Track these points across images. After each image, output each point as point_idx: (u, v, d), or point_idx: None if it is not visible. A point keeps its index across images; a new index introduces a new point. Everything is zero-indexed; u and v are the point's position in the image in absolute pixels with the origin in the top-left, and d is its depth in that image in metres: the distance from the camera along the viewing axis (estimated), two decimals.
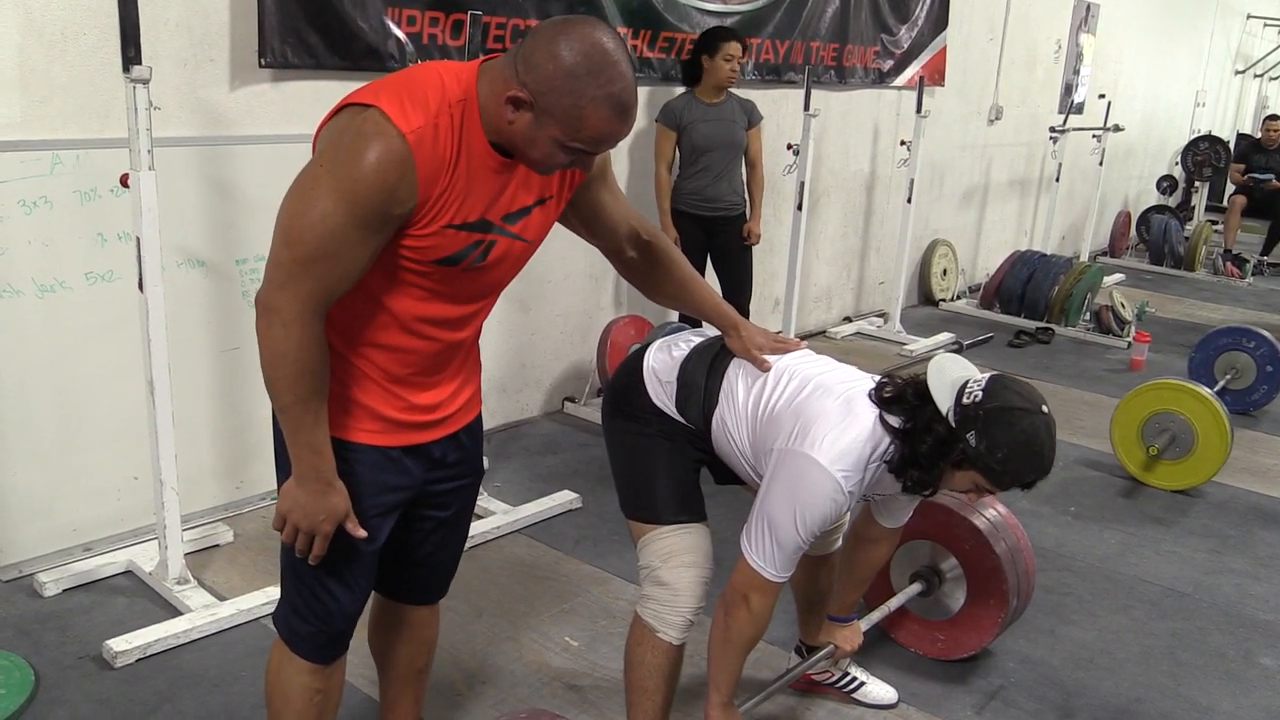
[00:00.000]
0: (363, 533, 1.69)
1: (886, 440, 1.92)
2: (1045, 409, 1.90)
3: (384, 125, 1.47)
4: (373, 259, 1.56)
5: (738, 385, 2.05)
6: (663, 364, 2.13)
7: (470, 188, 1.57)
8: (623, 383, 2.20)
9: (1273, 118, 9.71)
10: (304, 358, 1.55)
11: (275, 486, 3.68)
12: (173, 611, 2.84)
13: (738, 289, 4.68)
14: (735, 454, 2.08)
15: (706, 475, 2.22)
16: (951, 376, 1.92)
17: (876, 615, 2.66)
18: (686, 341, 2.17)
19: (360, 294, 1.62)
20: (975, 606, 2.74)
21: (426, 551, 1.97)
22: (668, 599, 2.07)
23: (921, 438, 1.89)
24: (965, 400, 1.87)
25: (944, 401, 1.88)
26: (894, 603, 2.71)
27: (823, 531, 2.00)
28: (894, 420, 1.92)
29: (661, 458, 2.12)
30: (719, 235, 4.55)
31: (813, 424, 1.92)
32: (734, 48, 4.35)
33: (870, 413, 1.93)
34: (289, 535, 1.67)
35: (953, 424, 1.87)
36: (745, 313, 4.72)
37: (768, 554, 1.95)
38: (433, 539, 1.96)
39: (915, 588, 2.75)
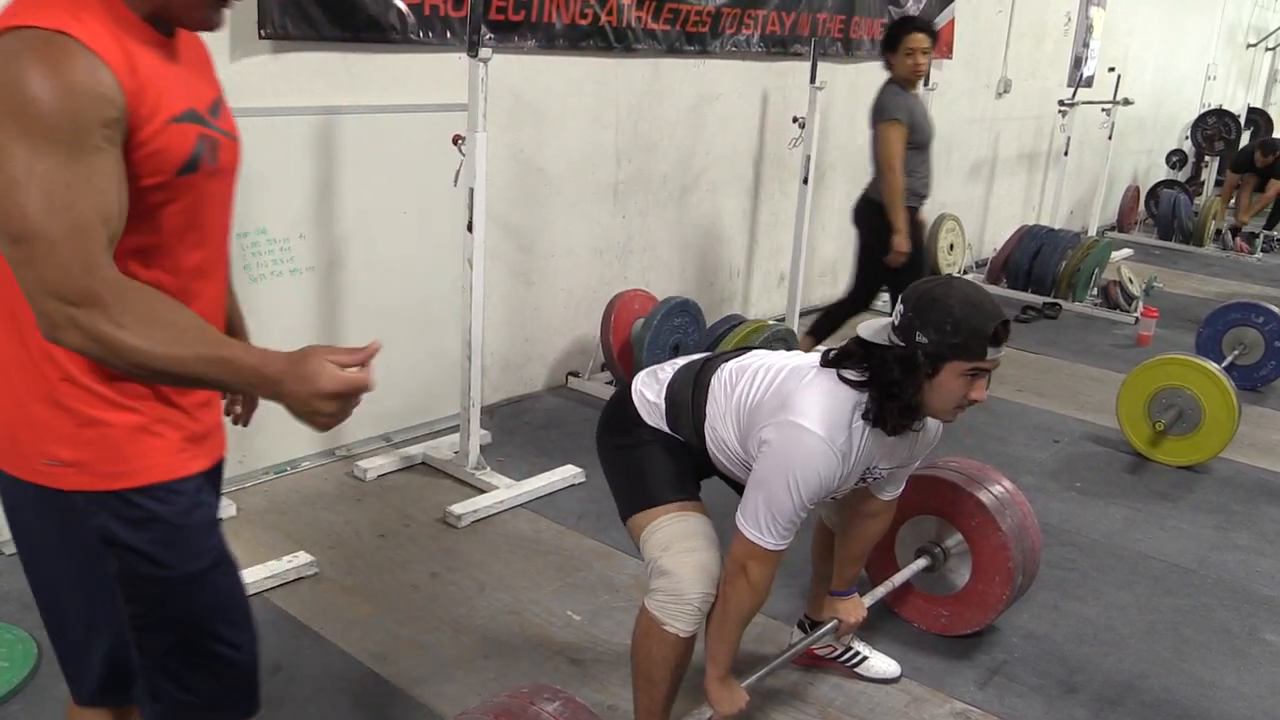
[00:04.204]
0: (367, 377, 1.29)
1: (856, 394, 1.98)
2: (955, 275, 2.01)
3: (28, 34, 1.18)
4: (123, 187, 1.24)
5: (719, 392, 2.12)
6: (650, 388, 2.21)
7: (155, 71, 1.29)
8: (613, 407, 2.28)
9: None
10: (158, 310, 1.24)
11: (279, 460, 3.70)
12: None
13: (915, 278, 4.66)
14: (730, 456, 2.12)
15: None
16: (880, 324, 2.03)
17: (881, 590, 2.65)
18: (671, 365, 2.25)
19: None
20: (980, 583, 2.73)
21: None
22: (671, 588, 2.04)
23: (885, 372, 1.96)
24: (897, 322, 1.97)
25: (882, 338, 1.98)
26: (899, 578, 2.70)
27: (819, 498, 2.00)
28: (853, 375, 1.99)
29: (654, 454, 2.17)
30: (914, 226, 4.47)
31: (791, 397, 1.99)
32: (915, 40, 4.22)
33: (833, 374, 2.01)
34: (338, 419, 1.28)
35: (900, 341, 1.94)
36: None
37: (763, 523, 1.96)
38: None
39: (920, 563, 2.74)
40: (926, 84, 5.81)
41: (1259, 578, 3.33)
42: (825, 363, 2.04)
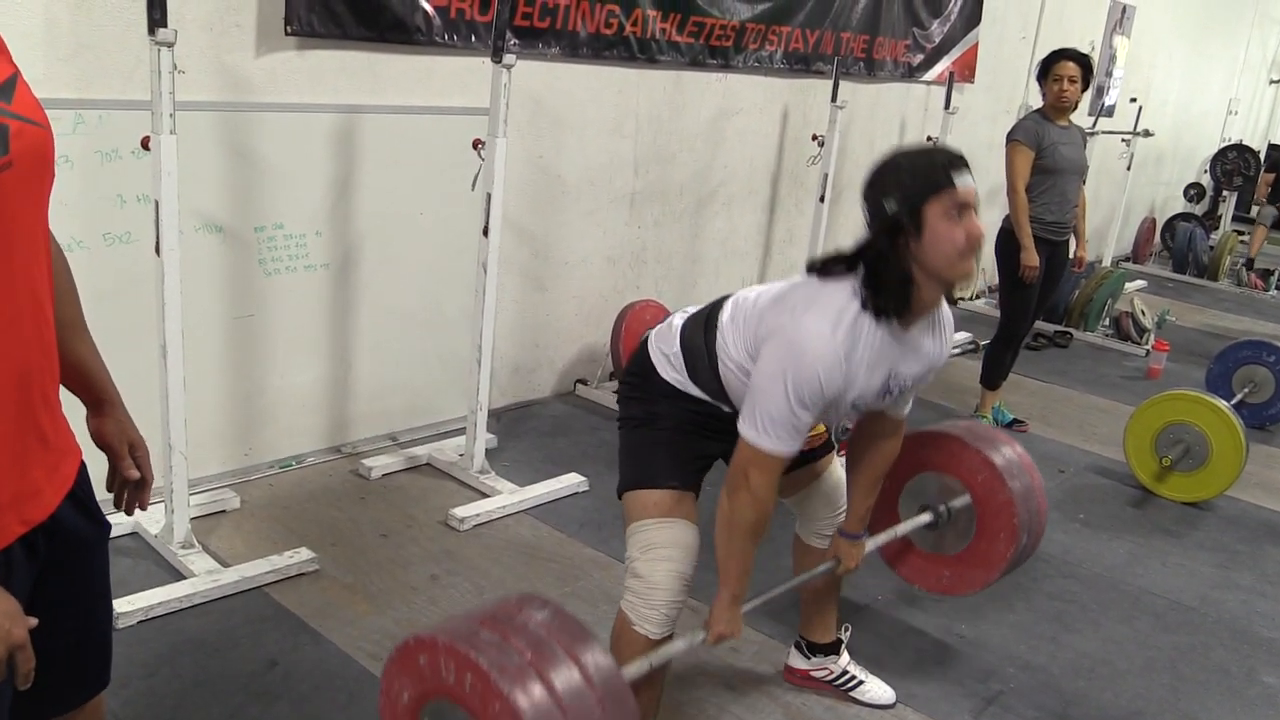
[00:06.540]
0: (33, 621, 1.19)
1: (852, 283, 1.95)
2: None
3: None
4: None
5: (727, 327, 2.09)
6: (664, 338, 2.20)
7: None
8: (634, 370, 2.24)
9: None
10: None
11: (285, 454, 3.72)
12: (176, 575, 2.85)
13: (1038, 314, 4.81)
14: (744, 383, 2.06)
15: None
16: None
17: (883, 537, 2.56)
18: (682, 314, 2.24)
19: None
20: (984, 541, 2.62)
21: (66, 644, 1.40)
22: (643, 591, 2.07)
23: (872, 248, 1.94)
24: (867, 218, 1.97)
25: (860, 241, 1.99)
26: (901, 529, 2.61)
27: (820, 401, 1.92)
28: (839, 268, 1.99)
29: (664, 430, 2.14)
30: (1051, 260, 4.54)
31: (792, 303, 1.97)
32: (1064, 67, 4.30)
33: (824, 279, 2.00)
34: None
35: (875, 220, 1.94)
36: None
37: (759, 424, 1.92)
38: (67, 626, 1.39)
39: (924, 518, 2.63)
40: (948, 107, 5.81)
41: (1259, 619, 3.31)
42: (815, 271, 2.02)
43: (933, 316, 2.09)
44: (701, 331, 2.13)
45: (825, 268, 2.01)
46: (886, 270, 1.92)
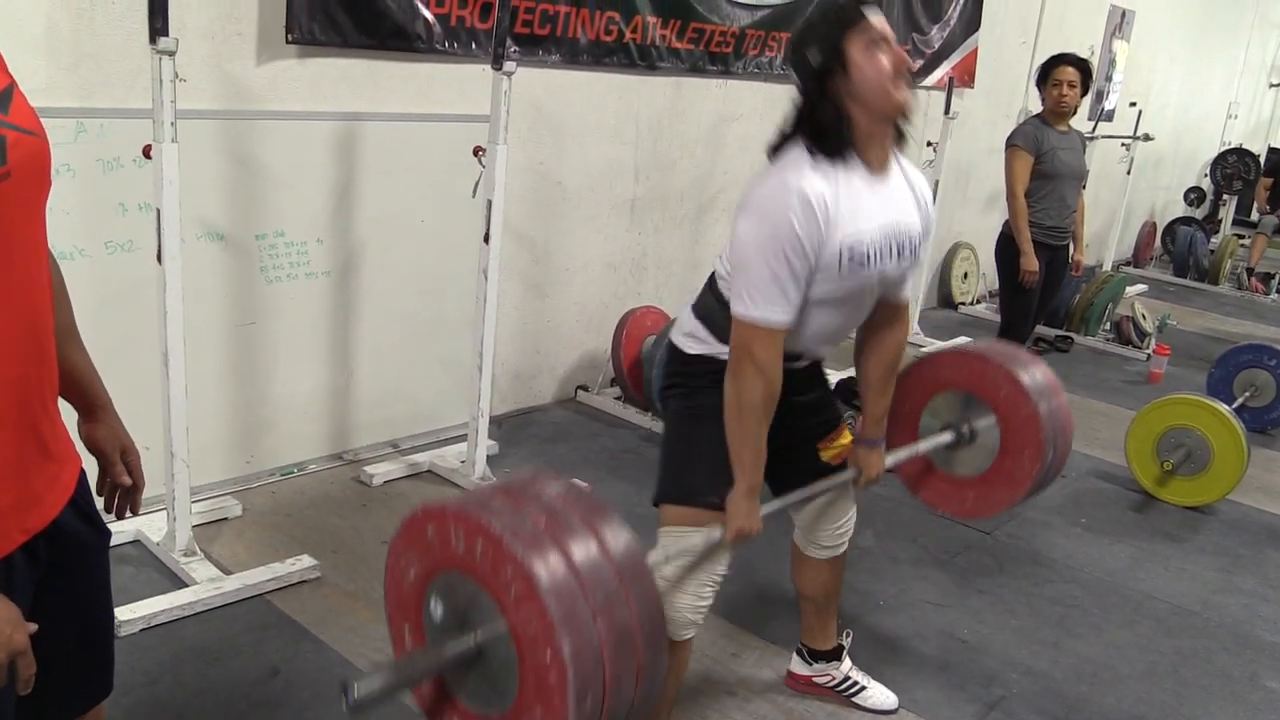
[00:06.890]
0: (33, 626, 1.19)
1: (799, 143, 1.98)
2: None
3: None
4: None
5: (719, 264, 2.14)
6: (681, 324, 2.23)
7: None
8: (669, 371, 2.23)
9: None
10: None
11: (287, 462, 3.72)
12: (178, 583, 2.85)
13: (1039, 319, 4.85)
14: None
15: None
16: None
17: (904, 452, 2.49)
18: (690, 298, 2.27)
19: None
20: (1009, 458, 2.52)
21: (68, 651, 1.40)
22: (668, 594, 2.07)
23: (806, 101, 1.98)
24: (799, 83, 2.00)
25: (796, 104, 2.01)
26: (923, 446, 2.52)
27: (803, 257, 1.90)
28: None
29: (707, 431, 2.08)
30: (1050, 264, 4.57)
31: (752, 183, 2.02)
32: (1063, 72, 4.33)
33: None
34: None
35: (803, 77, 1.98)
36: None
37: (744, 295, 1.92)
38: (69, 632, 1.40)
39: (946, 436, 2.54)
40: (947, 112, 5.82)
41: (1262, 623, 3.31)
42: (770, 155, 2.07)
43: (900, 171, 2.08)
44: (709, 291, 2.17)
45: (776, 148, 2.03)
46: (822, 114, 1.94)
